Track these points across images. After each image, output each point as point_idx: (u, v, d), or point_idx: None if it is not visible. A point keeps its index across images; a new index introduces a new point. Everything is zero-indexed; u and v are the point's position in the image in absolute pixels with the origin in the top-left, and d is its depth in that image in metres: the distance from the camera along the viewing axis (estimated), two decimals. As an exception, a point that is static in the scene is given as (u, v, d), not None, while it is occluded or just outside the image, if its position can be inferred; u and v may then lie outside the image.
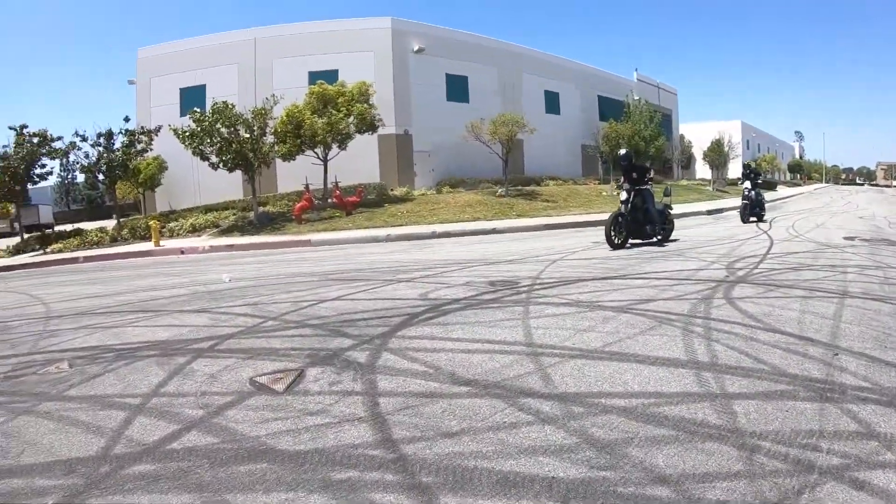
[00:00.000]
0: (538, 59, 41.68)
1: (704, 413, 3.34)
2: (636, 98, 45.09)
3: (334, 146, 24.83)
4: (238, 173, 24.33)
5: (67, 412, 4.02)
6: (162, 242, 20.56)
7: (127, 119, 27.02)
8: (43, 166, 26.28)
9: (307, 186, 23.99)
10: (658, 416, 3.32)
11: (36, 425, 3.84)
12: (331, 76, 28.33)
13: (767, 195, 25.13)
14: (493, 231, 17.71)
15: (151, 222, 21.66)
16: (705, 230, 16.13)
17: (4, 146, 25.73)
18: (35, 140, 25.28)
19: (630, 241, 12.48)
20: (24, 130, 25.28)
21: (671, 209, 13.38)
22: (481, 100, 35.41)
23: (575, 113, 43.66)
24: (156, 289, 10.16)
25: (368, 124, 25.33)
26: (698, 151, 58.59)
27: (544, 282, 7.85)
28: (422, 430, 3.27)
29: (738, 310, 5.94)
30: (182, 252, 18.49)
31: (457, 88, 35.52)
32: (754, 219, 18.51)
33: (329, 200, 24.60)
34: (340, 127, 24.02)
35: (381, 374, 4.27)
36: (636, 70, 53.15)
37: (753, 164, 22.69)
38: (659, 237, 12.64)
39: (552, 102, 41.99)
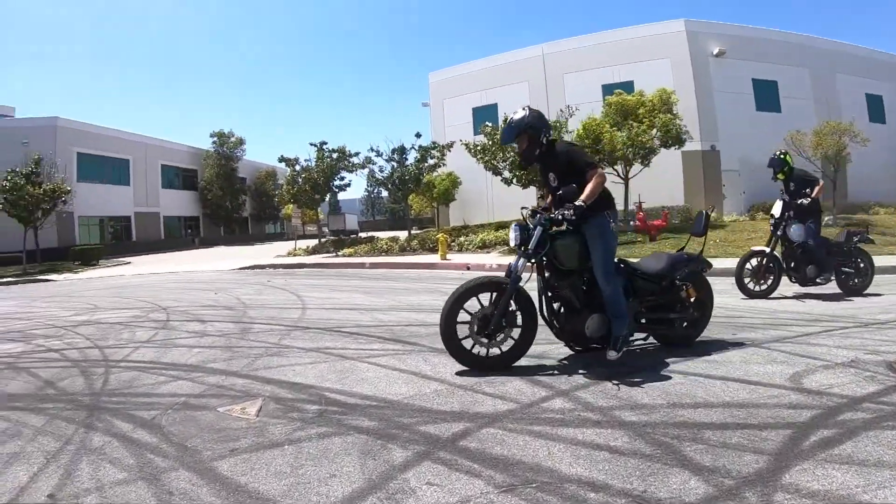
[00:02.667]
0: (854, 55, 33.14)
1: None
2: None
3: (636, 163, 22.26)
4: (532, 190, 23.12)
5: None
6: (449, 256, 20.00)
7: (418, 135, 28.15)
8: (342, 178, 28.79)
9: (607, 206, 21.68)
10: None
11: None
12: (625, 88, 25.74)
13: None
14: (830, 272, 13.09)
15: (440, 235, 21.38)
16: None
17: (307, 160, 29.26)
18: (334, 155, 27.83)
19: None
20: (324, 146, 27.95)
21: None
22: (793, 108, 29.42)
23: (904, 122, 33.89)
24: (424, 309, 8.72)
25: (674, 137, 22.20)
26: None
27: None
28: None
29: None
30: (468, 268, 17.44)
31: (766, 96, 30.08)
32: (797, 289, 9.18)
33: (631, 223, 22.01)
34: (643, 140, 21.35)
35: None
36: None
37: (782, 155, 9.12)
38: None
39: (876, 108, 33.02)
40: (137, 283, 17.52)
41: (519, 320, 4.82)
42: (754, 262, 8.80)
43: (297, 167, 28.82)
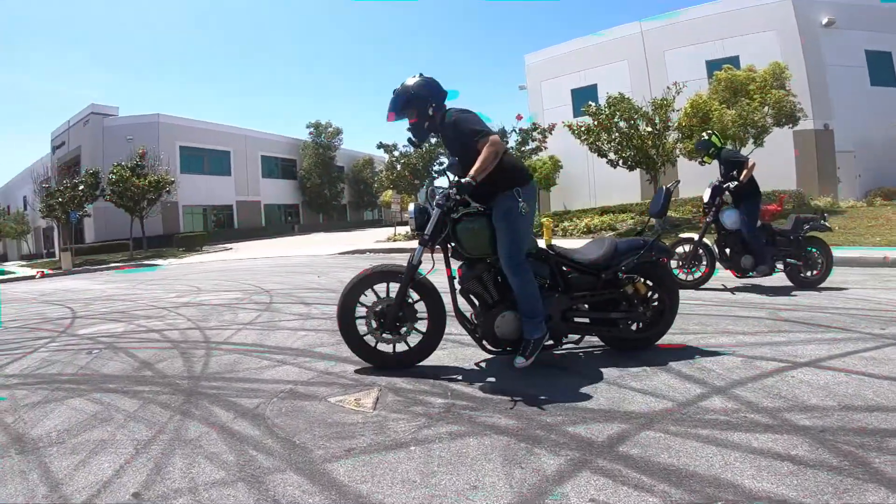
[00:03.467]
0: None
1: None
2: None
3: (748, 143, 20.71)
4: (636, 174, 22.02)
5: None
6: (553, 241, 19.16)
7: (519, 117, 27.16)
8: (441, 164, 28.54)
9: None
10: None
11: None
12: (730, 63, 23.98)
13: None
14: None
15: (544, 220, 20.78)
16: None
17: (405, 146, 29.72)
18: (433, 140, 27.65)
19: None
20: None
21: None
22: (909, 81, 26.56)
23: None
24: None
25: (787, 115, 20.48)
26: None
27: None
28: None
29: None
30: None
31: (880, 68, 27.18)
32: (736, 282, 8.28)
33: (746, 208, 20.52)
34: (755, 118, 19.78)
35: None
36: None
37: (708, 136, 8.39)
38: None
39: None
40: (239, 267, 17.79)
41: (421, 314, 4.19)
42: (682, 249, 8.10)
43: (396, 153, 28.78)
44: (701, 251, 7.98)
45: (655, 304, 4.46)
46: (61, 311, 9.12)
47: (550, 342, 4.15)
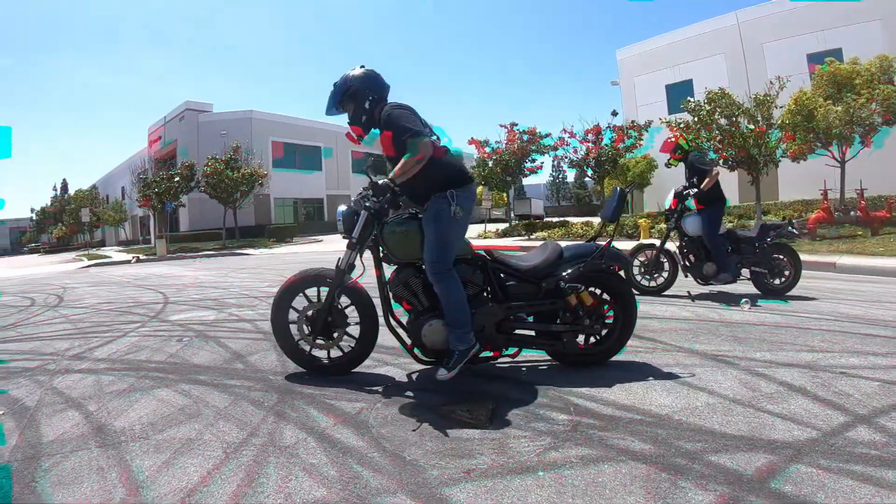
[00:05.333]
0: None
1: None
2: None
3: (856, 142, 19.15)
4: (734, 175, 20.74)
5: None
6: (651, 243, 18.41)
7: (614, 113, 26.22)
8: (532, 161, 27.77)
9: (825, 193, 18.79)
10: None
11: None
12: (833, 56, 22.38)
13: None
14: None
15: (641, 220, 20.01)
16: None
17: (497, 142, 28.46)
18: (525, 137, 26.91)
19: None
20: (514, 128, 27.20)
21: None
22: None
23: None
24: (645, 300, 7.37)
25: None
26: None
27: None
28: None
29: None
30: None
31: None
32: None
33: (852, 213, 18.99)
34: (863, 115, 18.21)
35: None
36: None
37: (672, 138, 8.15)
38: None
39: None
40: (332, 258, 17.59)
41: (352, 319, 4.03)
42: (644, 255, 7.98)
43: (487, 149, 28.32)
44: (663, 257, 7.87)
45: (607, 316, 4.05)
46: (154, 296, 9.24)
47: (489, 354, 3.89)
